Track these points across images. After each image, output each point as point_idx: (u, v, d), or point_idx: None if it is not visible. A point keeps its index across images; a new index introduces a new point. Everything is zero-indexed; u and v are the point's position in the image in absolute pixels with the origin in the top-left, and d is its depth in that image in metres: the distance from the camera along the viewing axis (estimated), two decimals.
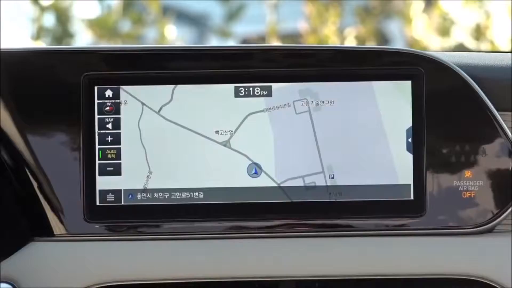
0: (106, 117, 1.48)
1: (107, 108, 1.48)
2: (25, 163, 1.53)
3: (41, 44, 4.25)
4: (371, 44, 4.09)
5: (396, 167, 1.47)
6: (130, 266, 1.53)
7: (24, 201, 1.54)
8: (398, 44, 4.55)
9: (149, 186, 1.48)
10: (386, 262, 1.55)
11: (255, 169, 1.48)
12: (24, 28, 4.77)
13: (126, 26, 3.86)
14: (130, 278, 1.52)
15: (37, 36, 4.02)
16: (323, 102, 1.46)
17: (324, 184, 1.47)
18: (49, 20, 4.07)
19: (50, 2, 4.04)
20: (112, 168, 1.48)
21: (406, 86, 1.47)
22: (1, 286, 1.47)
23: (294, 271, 1.52)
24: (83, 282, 1.50)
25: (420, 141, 1.48)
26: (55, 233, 1.52)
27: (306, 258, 1.55)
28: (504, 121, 1.49)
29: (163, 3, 4.34)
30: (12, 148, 1.57)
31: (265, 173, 1.47)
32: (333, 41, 4.32)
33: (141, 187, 1.47)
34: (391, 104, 1.48)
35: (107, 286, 1.51)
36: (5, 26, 4.73)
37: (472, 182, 1.48)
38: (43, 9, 3.77)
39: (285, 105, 1.46)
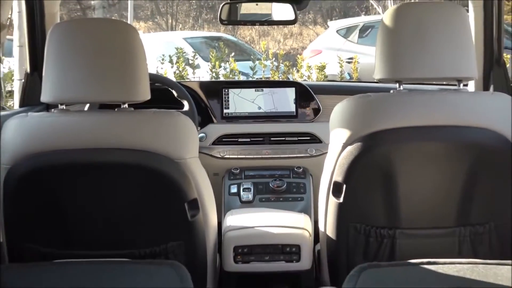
0: (225, 95, 2.51)
1: (226, 92, 2.50)
2: (202, 107, 2.50)
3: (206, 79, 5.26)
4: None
5: (291, 106, 2.49)
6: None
7: (204, 119, 2.48)
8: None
9: (236, 110, 2.50)
10: None
11: (259, 107, 2.51)
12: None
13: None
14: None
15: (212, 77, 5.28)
16: (274, 93, 2.51)
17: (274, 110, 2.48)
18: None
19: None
20: (227, 105, 2.50)
21: (293, 89, 2.50)
22: (201, 134, 2.46)
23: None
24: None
25: (297, 101, 2.48)
26: (210, 123, 2.47)
27: None
28: (317, 97, 2.49)
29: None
30: (204, 104, 2.48)
31: (262, 107, 2.51)
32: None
33: (234, 110, 2.51)
34: (290, 93, 2.50)
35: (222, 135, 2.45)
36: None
37: (309, 110, 2.51)
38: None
39: (266, 93, 2.51)
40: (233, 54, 6.14)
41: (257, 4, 2.26)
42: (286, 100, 2.52)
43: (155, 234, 1.55)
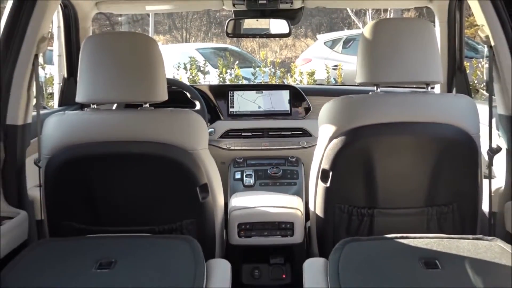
0: (230, 96, 2.43)
1: (231, 94, 2.43)
2: (211, 107, 2.42)
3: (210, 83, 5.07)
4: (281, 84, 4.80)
5: (286, 105, 2.41)
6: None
7: (213, 117, 2.42)
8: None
9: (240, 109, 2.41)
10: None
11: (259, 106, 2.43)
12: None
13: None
14: None
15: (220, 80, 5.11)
16: (272, 94, 2.44)
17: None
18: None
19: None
20: (232, 105, 2.42)
21: (288, 91, 2.43)
22: (210, 129, 2.34)
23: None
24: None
25: (291, 101, 2.41)
26: (218, 120, 2.42)
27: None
28: (308, 98, 2.42)
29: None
30: (213, 104, 2.40)
31: (261, 107, 2.42)
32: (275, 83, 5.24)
33: (238, 109, 2.42)
34: (285, 94, 2.43)
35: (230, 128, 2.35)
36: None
37: (301, 109, 2.43)
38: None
39: (265, 95, 2.44)
40: (237, 62, 6.10)
41: (257, 20, 2.24)
42: (281, 100, 2.46)
43: (171, 213, 1.53)
